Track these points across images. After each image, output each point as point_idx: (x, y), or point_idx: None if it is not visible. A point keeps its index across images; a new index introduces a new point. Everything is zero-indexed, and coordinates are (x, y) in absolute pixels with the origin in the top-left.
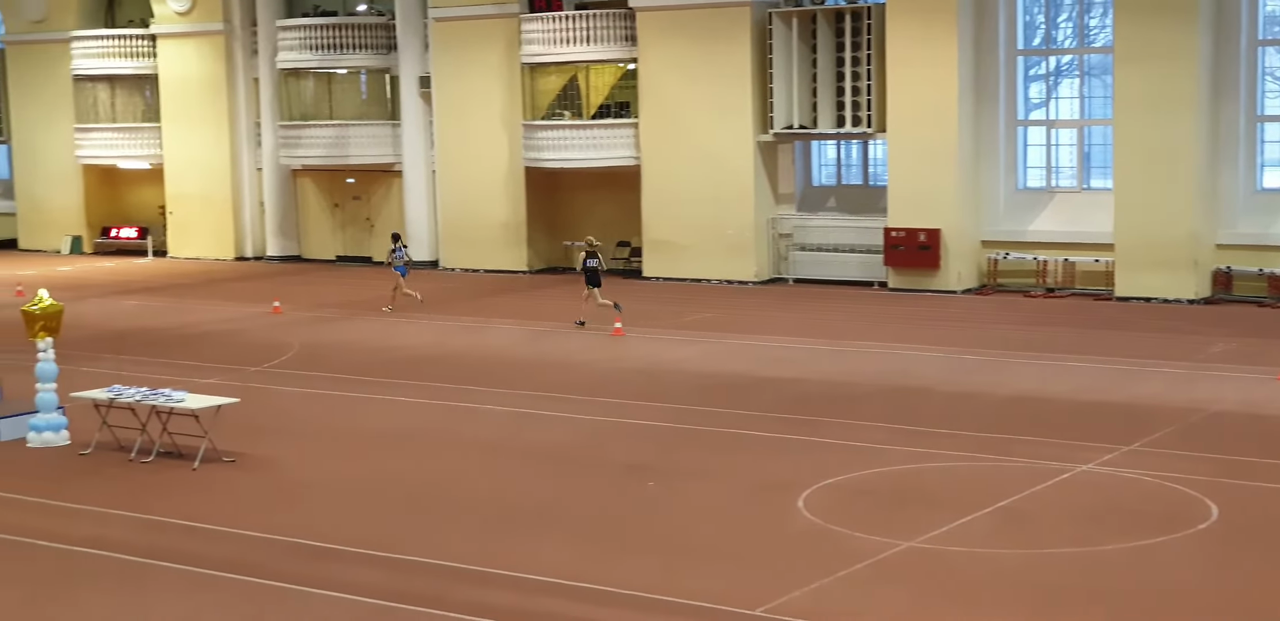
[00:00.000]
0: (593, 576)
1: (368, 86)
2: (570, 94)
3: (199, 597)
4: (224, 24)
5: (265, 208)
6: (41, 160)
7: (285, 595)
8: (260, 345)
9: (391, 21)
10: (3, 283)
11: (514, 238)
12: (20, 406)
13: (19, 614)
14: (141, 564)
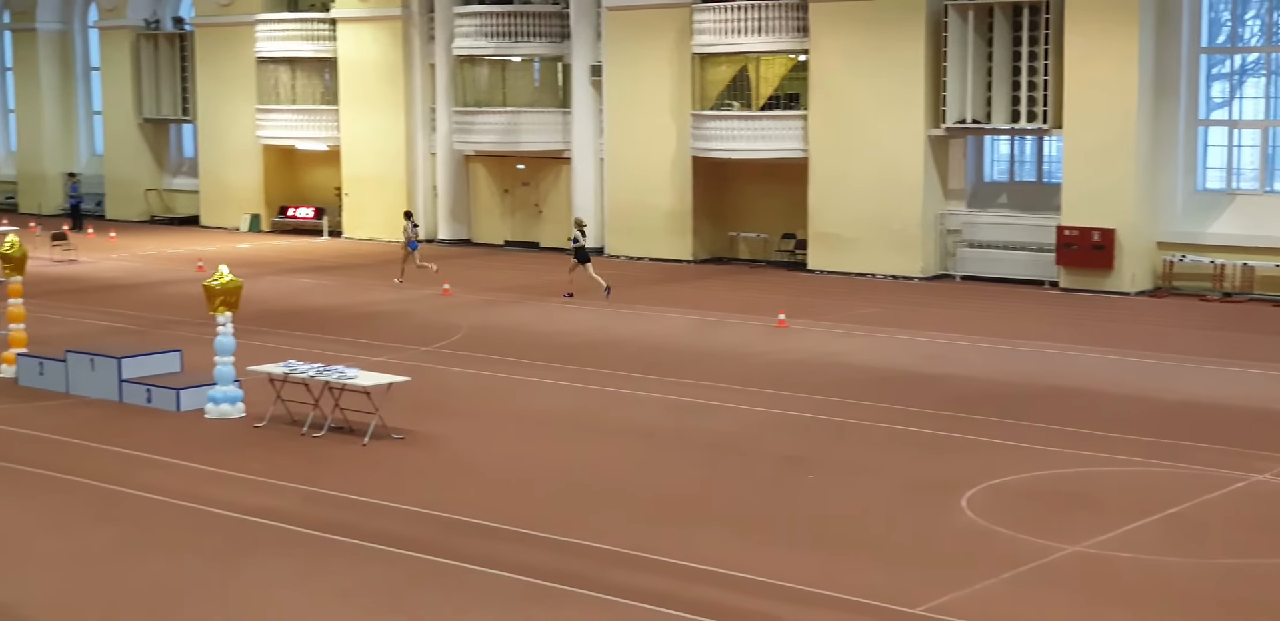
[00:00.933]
0: (750, 566)
1: (540, 74)
2: (740, 84)
3: (364, 570)
4: (402, 9)
5: (437, 191)
6: (224, 140)
7: (446, 570)
8: (430, 326)
9: (566, 10)
10: (185, 258)
11: (679, 227)
12: (199, 378)
13: (193, 580)
14: (310, 535)
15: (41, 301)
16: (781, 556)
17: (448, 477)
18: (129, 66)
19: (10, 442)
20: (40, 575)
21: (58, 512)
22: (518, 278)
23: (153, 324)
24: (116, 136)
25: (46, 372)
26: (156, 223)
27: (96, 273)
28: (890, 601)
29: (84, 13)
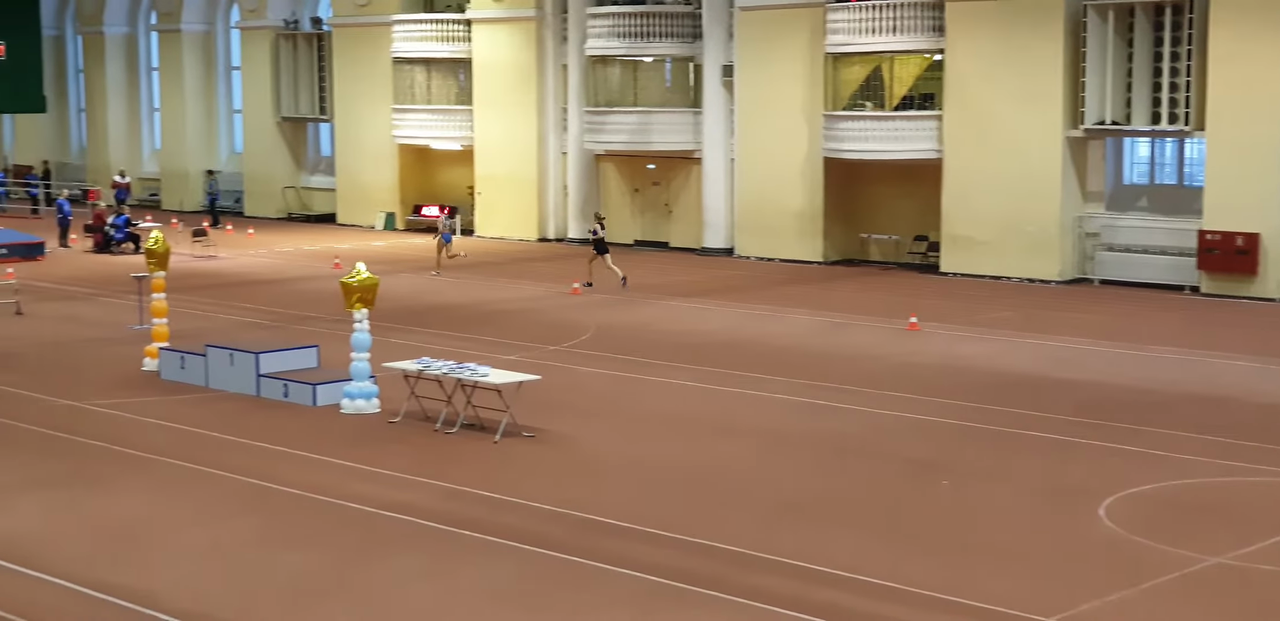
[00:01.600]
0: (879, 571)
1: (672, 74)
2: (873, 85)
3: (495, 566)
4: (536, 10)
5: (568, 191)
6: (361, 139)
7: (574, 568)
8: (559, 324)
9: (698, 11)
10: (322, 255)
11: (810, 228)
12: (336, 374)
13: (329, 573)
14: (442, 530)
15: (182, 296)
16: (912, 561)
17: (578, 476)
18: (268, 66)
19: (152, 435)
20: (181, 565)
21: (198, 504)
22: (646, 277)
23: (290, 320)
24: (256, 135)
25: (187, 366)
26: (294, 220)
27: (235, 269)
28: (1024, 610)
29: (226, 14)
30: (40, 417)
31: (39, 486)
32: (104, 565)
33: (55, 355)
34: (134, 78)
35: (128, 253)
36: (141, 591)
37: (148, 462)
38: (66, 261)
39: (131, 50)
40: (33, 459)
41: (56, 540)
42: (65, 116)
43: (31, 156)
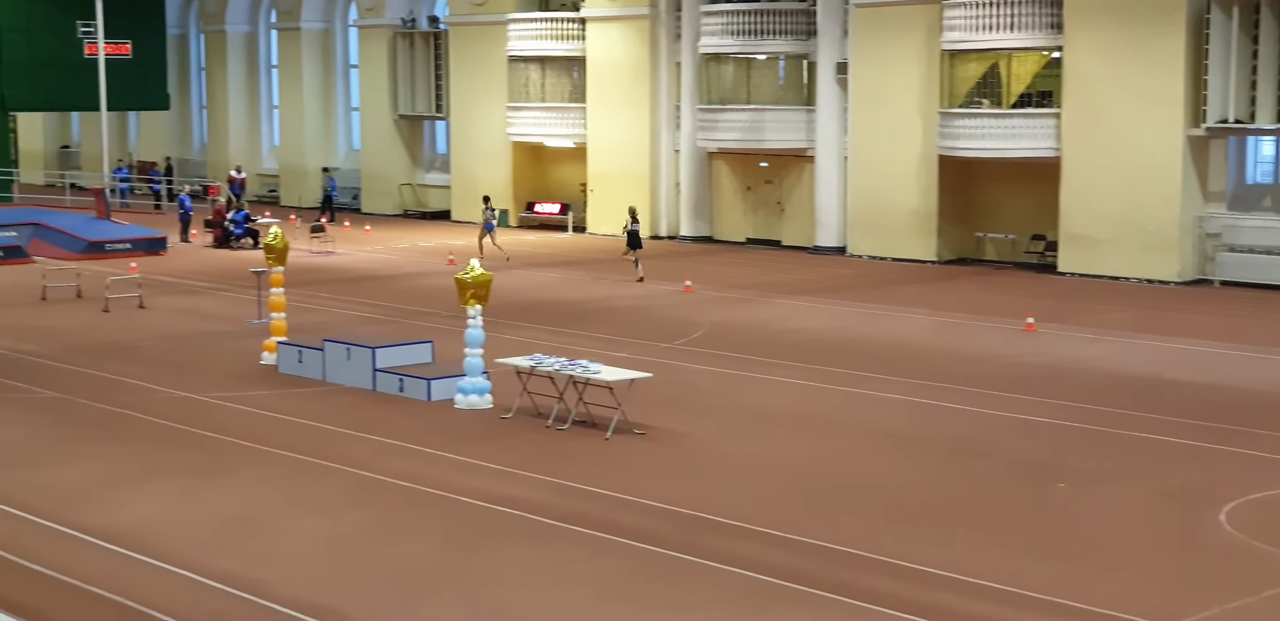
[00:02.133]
0: (991, 574)
1: (785, 72)
2: (990, 82)
3: (604, 562)
4: (650, 8)
5: (681, 188)
6: (475, 136)
7: (684, 565)
8: (671, 322)
9: (812, 8)
10: (436, 251)
11: (924, 226)
12: (450, 369)
13: (441, 565)
14: (553, 526)
15: (300, 291)
16: (1026, 564)
17: (688, 473)
18: (386, 64)
19: (270, 427)
20: (296, 555)
21: (314, 496)
22: (759, 275)
23: (405, 315)
24: (373, 132)
25: (305, 360)
26: (409, 216)
27: (352, 264)
28: (1142, 615)
29: (345, 12)
30: (161, 409)
31: (159, 477)
32: (221, 554)
33: (176, 348)
34: (254, 75)
35: (247, 248)
36: (257, 580)
37: (265, 454)
38: (187, 256)
39: (252, 48)
40: (153, 450)
41: (175, 529)
42: (187, 113)
43: (154, 153)
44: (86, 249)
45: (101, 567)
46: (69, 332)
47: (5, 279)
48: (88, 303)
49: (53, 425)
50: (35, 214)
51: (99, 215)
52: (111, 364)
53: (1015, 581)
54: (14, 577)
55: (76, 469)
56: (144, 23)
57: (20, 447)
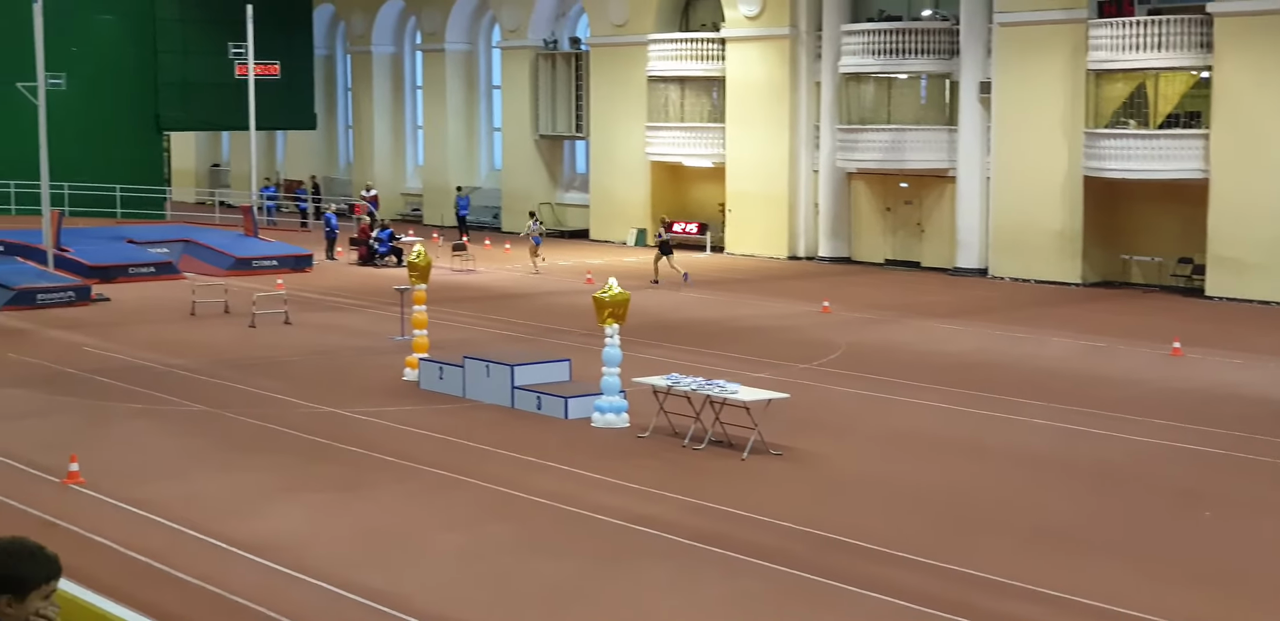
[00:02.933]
0: (1136, 603)
1: (927, 91)
2: (1137, 102)
3: (740, 583)
4: (790, 28)
5: (819, 209)
6: (615, 156)
7: (819, 588)
8: (808, 343)
9: (955, 26)
10: (574, 270)
11: (1068, 248)
12: (587, 388)
13: (577, 582)
14: (688, 545)
15: (442, 308)
16: (1171, 593)
17: (825, 495)
18: (528, 85)
19: (412, 443)
20: (434, 569)
21: (454, 511)
22: (898, 296)
23: (543, 333)
24: (514, 152)
25: (445, 377)
26: (548, 235)
27: (492, 282)
28: None
29: (488, 34)
30: (305, 424)
31: (303, 490)
32: (362, 568)
33: (320, 363)
34: (399, 96)
35: (390, 265)
36: (396, 594)
37: (407, 469)
38: (332, 273)
39: (397, 69)
40: (298, 463)
41: (318, 542)
42: (334, 133)
43: (301, 171)
44: (235, 265)
45: (246, 578)
46: (217, 347)
47: (157, 294)
48: (235, 318)
49: (201, 438)
50: (186, 231)
51: (247, 232)
52: (258, 378)
53: (1159, 610)
54: (164, 587)
55: (224, 481)
56: (293, 44)
57: (170, 459)
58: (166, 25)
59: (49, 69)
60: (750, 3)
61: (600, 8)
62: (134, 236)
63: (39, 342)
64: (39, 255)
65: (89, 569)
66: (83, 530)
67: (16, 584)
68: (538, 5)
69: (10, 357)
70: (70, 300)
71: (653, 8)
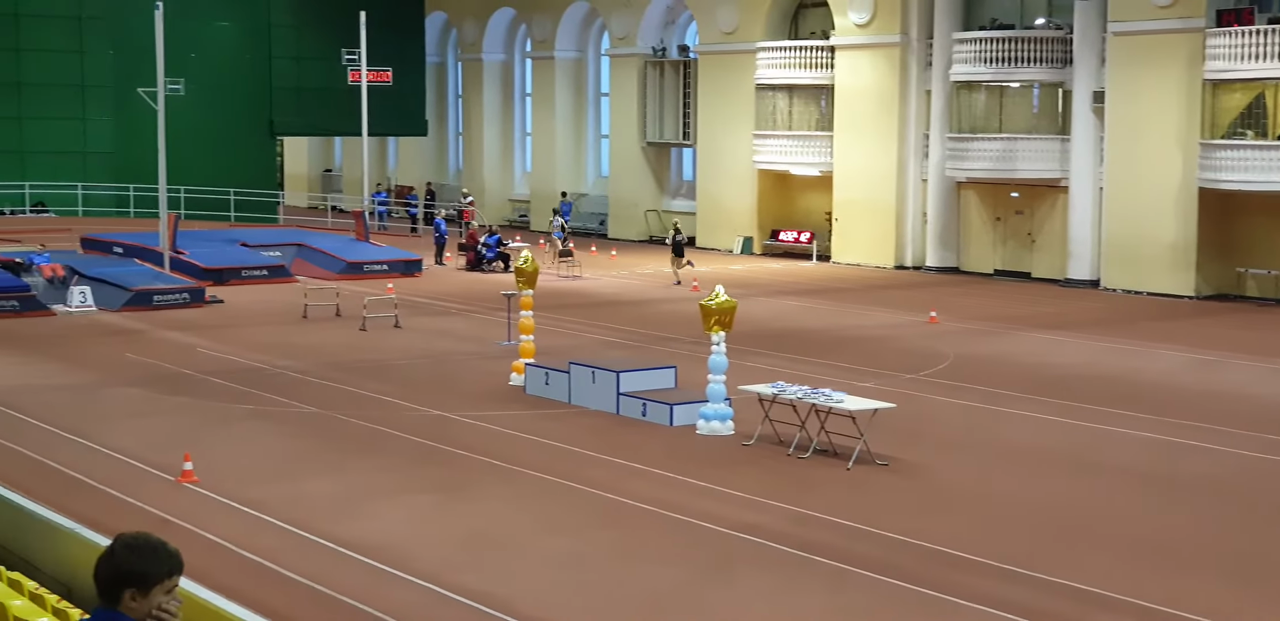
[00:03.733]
0: (1241, 619)
1: (1039, 100)
2: (1255, 112)
3: (844, 594)
4: (900, 36)
5: (928, 218)
6: (722, 164)
7: (925, 600)
8: (915, 353)
9: (1068, 35)
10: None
11: (1182, 260)
12: (692, 395)
13: (678, 590)
14: (793, 554)
15: (548, 314)
16: (1276, 612)
17: (930, 506)
18: (636, 92)
19: (517, 447)
20: (537, 573)
21: (558, 516)
22: (1007, 307)
23: (649, 340)
24: (621, 159)
25: (551, 382)
26: (655, 243)
27: (598, 289)
28: None
29: (597, 41)
30: (413, 426)
31: (410, 492)
32: (466, 570)
33: (428, 367)
34: (509, 103)
35: (498, 271)
36: (500, 597)
37: (512, 473)
38: (441, 278)
39: (507, 76)
40: (405, 465)
41: (423, 544)
42: (444, 139)
43: (412, 177)
44: (346, 269)
45: (353, 578)
46: (328, 350)
47: (270, 297)
48: (346, 321)
49: (311, 439)
50: (299, 235)
51: (358, 237)
52: (367, 381)
53: None
54: (273, 585)
55: (332, 482)
56: (405, 51)
57: (280, 460)
58: (281, 32)
59: (168, 75)
60: (861, 10)
61: (709, 16)
62: (247, 240)
63: (154, 343)
64: (156, 257)
65: (202, 566)
66: (196, 528)
67: (140, 578)
68: (647, 13)
69: (127, 357)
70: (185, 302)
71: (762, 16)
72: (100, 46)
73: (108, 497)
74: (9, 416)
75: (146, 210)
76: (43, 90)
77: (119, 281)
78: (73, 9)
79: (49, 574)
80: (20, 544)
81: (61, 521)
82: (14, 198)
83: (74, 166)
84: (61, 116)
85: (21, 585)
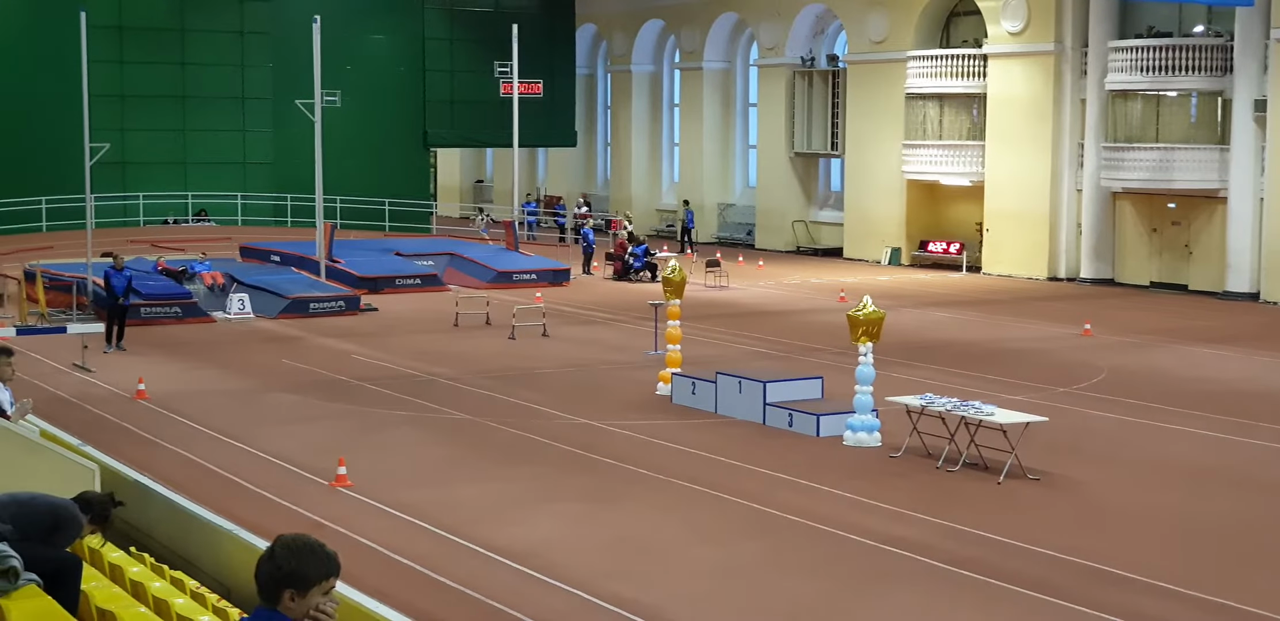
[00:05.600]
0: None
1: (1198, 109)
2: None
3: (995, 610)
4: (1055, 44)
5: (1082, 229)
6: (870, 174)
7: (1077, 617)
8: (1068, 366)
9: (1229, 43)
10: (827, 288)
11: None
12: (839, 406)
13: (826, 602)
14: (942, 569)
15: (695, 324)
16: None
17: (1084, 523)
18: (784, 102)
19: (665, 456)
20: (685, 582)
21: (705, 525)
22: (1163, 320)
23: (795, 350)
24: (769, 169)
25: (698, 392)
26: (801, 253)
27: (744, 299)
28: None
29: (746, 52)
30: (561, 434)
31: (559, 499)
32: (614, 577)
33: (576, 376)
34: (657, 114)
35: (645, 281)
36: (648, 605)
37: (659, 482)
38: (589, 287)
39: (656, 87)
40: (554, 473)
41: (572, 551)
42: (593, 150)
43: (561, 187)
44: (496, 278)
45: (503, 584)
46: (478, 358)
47: (422, 305)
48: (496, 330)
49: (462, 445)
50: (450, 244)
51: (508, 246)
52: (517, 389)
53: None
54: (425, 589)
55: (483, 488)
56: (556, 63)
57: (433, 466)
58: (435, 45)
59: (325, 87)
60: (1014, 19)
61: (859, 25)
62: (401, 249)
63: (310, 349)
64: (312, 266)
65: (354, 569)
66: (349, 531)
67: (299, 579)
68: (796, 23)
69: (284, 364)
70: (340, 309)
71: (912, 24)
72: (260, 60)
73: (265, 501)
74: (173, 420)
75: (303, 219)
76: (205, 103)
77: (276, 289)
78: (235, 24)
79: (209, 574)
80: (182, 544)
81: (222, 523)
82: (177, 207)
83: (234, 176)
84: (223, 128)
85: (184, 584)
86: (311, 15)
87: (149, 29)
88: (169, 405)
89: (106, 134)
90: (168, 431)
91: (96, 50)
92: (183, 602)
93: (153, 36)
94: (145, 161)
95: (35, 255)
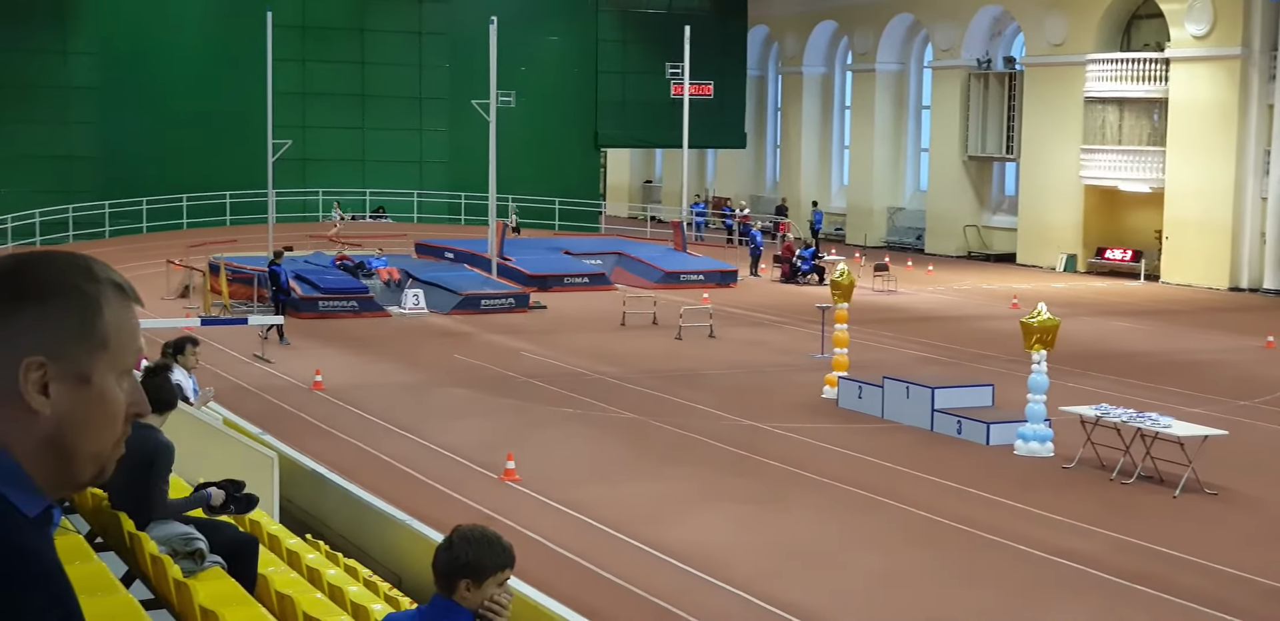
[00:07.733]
0: None
1: None
2: None
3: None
4: (1241, 48)
5: (1266, 238)
6: (1046, 179)
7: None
8: (1249, 379)
9: None
10: (999, 294)
11: None
12: (1010, 414)
13: (994, 613)
14: (1114, 582)
15: (862, 328)
16: None
17: (1265, 540)
18: (958, 105)
19: (830, 460)
20: (850, 587)
21: (870, 531)
22: None
23: (965, 357)
24: (941, 173)
25: (864, 396)
26: (973, 258)
27: (913, 304)
28: None
29: (920, 54)
30: (726, 436)
31: (723, 500)
32: (778, 580)
33: (741, 378)
34: (827, 116)
35: (813, 284)
36: (815, 610)
37: (824, 486)
38: (756, 289)
39: (827, 89)
40: (717, 474)
41: (735, 552)
42: (762, 152)
43: (729, 189)
44: (663, 279)
45: (668, 583)
46: (644, 357)
47: (590, 304)
48: (662, 330)
49: (627, 443)
50: (619, 244)
51: (676, 247)
52: (682, 389)
53: None
54: (591, 584)
55: (647, 486)
56: (727, 65)
57: (598, 463)
58: (608, 46)
59: (500, 88)
60: (1199, 22)
61: (1037, 27)
62: (570, 248)
63: (480, 345)
64: (484, 263)
65: (522, 562)
66: (516, 525)
67: (476, 570)
68: (973, 25)
69: (456, 359)
70: (510, 306)
71: (1093, 27)
72: (437, 60)
73: (436, 492)
74: (350, 412)
75: (476, 217)
76: (384, 102)
77: (450, 285)
78: (413, 25)
79: (381, 563)
80: (357, 533)
81: (395, 513)
82: (356, 204)
83: (411, 174)
84: (400, 127)
85: (357, 571)
86: (488, 16)
87: (331, 28)
88: (345, 396)
89: (289, 131)
90: (343, 422)
91: (281, 49)
92: (356, 590)
93: (334, 36)
94: (325, 158)
95: (219, 248)
